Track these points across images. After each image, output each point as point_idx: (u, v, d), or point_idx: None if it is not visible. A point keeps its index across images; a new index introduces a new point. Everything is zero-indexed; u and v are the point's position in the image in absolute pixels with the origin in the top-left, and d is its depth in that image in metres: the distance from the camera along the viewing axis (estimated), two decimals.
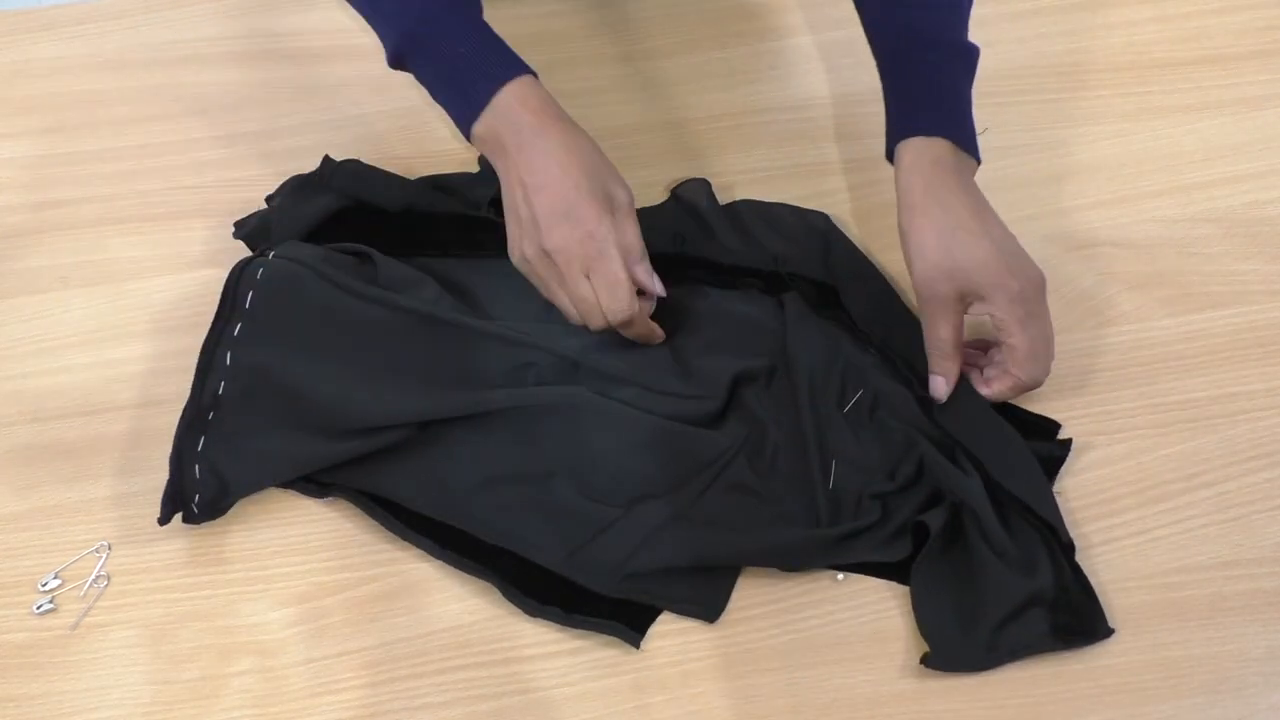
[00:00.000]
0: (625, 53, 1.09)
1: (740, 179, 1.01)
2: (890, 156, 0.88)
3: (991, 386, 0.84)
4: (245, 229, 0.94)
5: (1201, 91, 1.06)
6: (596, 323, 0.83)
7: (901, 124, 0.87)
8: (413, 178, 0.98)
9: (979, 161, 0.87)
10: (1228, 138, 1.03)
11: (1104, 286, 0.93)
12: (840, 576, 0.80)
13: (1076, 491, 0.83)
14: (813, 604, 0.79)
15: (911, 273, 0.84)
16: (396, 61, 0.88)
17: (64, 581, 0.79)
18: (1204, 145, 1.03)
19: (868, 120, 1.04)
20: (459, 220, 0.94)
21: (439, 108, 0.88)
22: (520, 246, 0.84)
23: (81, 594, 0.79)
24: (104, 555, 0.80)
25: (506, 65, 0.85)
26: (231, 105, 1.05)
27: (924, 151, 0.85)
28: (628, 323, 0.83)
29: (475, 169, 0.99)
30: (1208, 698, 0.75)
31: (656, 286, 0.86)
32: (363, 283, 0.87)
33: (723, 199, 0.98)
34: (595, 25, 1.10)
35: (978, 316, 0.84)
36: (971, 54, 0.89)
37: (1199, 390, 0.88)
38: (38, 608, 0.78)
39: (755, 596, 0.79)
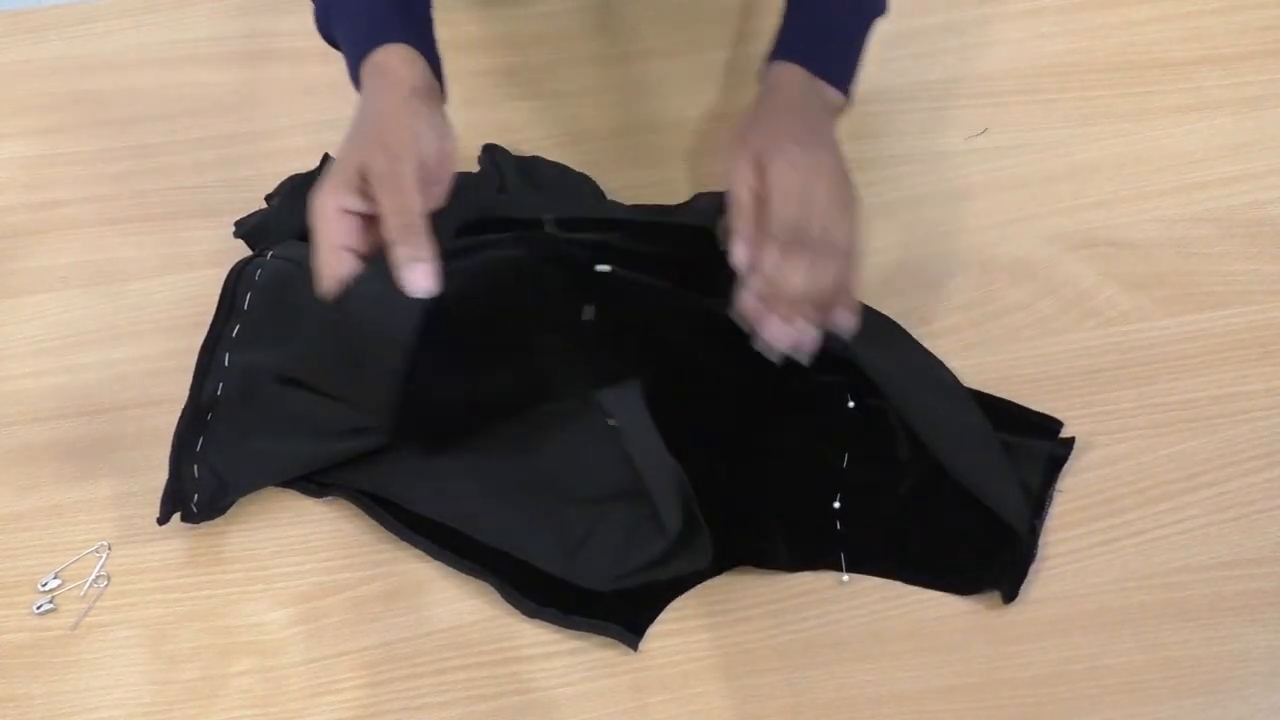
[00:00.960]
0: (625, 53, 1.09)
1: None
2: (763, 78, 0.87)
3: (755, 258, 0.76)
4: (245, 228, 0.94)
5: (1201, 91, 1.06)
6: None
7: (779, 48, 0.86)
8: None
9: (848, 99, 0.86)
10: (1228, 138, 1.03)
11: (1104, 286, 0.93)
12: (845, 578, 0.80)
13: (1076, 491, 0.83)
14: (813, 604, 0.78)
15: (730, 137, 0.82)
16: (321, 30, 0.87)
17: (64, 581, 0.79)
18: (1204, 145, 1.02)
19: (868, 120, 1.04)
20: (458, 220, 0.94)
21: None
22: None
23: (81, 594, 0.79)
24: (104, 555, 0.80)
25: (372, 37, 0.81)
26: (231, 105, 1.05)
27: (791, 75, 0.84)
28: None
29: (474, 168, 0.99)
30: (1208, 698, 0.75)
31: (408, 281, 0.74)
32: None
33: None
34: (595, 25, 1.10)
35: (761, 181, 0.78)
36: (878, 5, 0.90)
37: (1199, 390, 0.88)
38: (38, 608, 0.78)
39: (755, 596, 0.79)
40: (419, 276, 0.73)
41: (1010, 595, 0.78)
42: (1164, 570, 0.80)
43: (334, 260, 0.74)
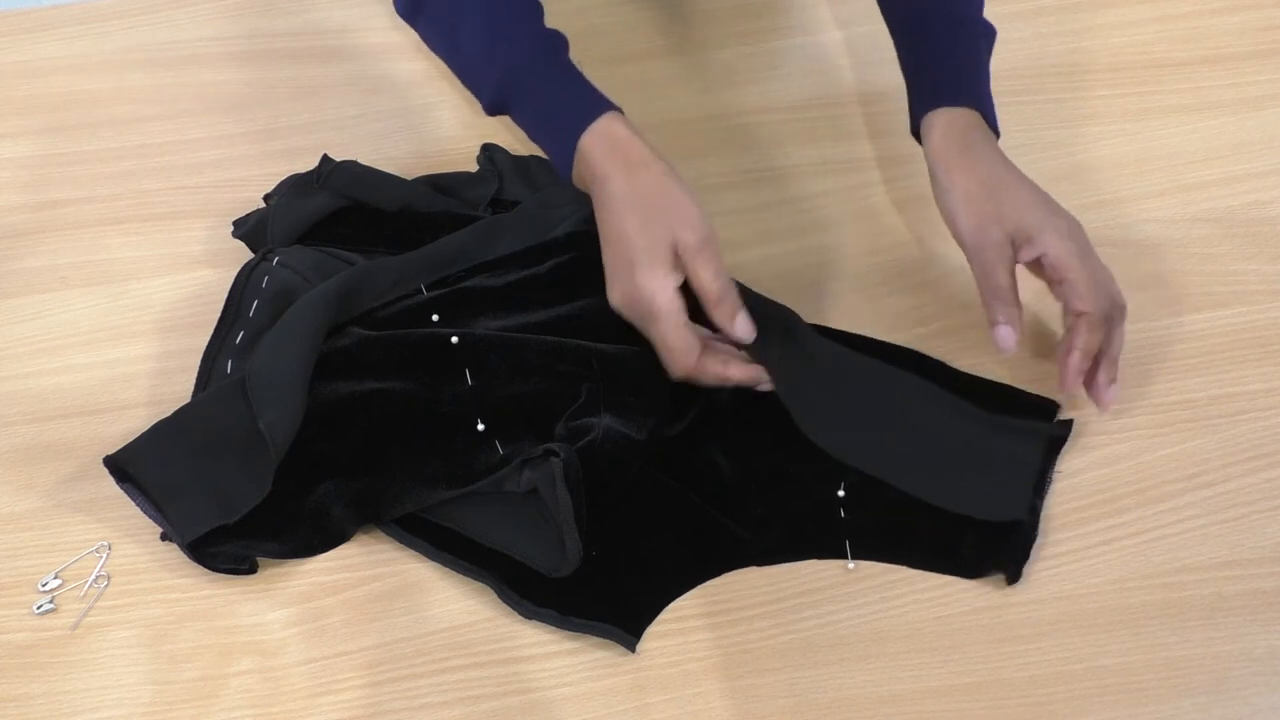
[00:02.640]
0: (625, 53, 1.09)
1: (740, 179, 1.01)
2: (916, 129, 0.90)
3: (1076, 343, 0.82)
4: (244, 228, 0.95)
5: (1201, 91, 1.06)
6: (671, 374, 0.83)
7: (930, 96, 0.89)
8: (410, 178, 0.98)
9: (999, 134, 0.89)
10: (1228, 138, 1.03)
11: None
12: (851, 565, 0.80)
13: (1076, 491, 0.83)
14: (813, 604, 0.79)
15: (957, 226, 0.85)
16: (493, 111, 0.90)
17: (64, 581, 0.79)
18: (1204, 145, 1.03)
19: (868, 120, 1.04)
20: (457, 220, 0.94)
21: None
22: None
23: (81, 594, 0.79)
24: (104, 555, 0.80)
25: (584, 112, 0.85)
26: (231, 105, 1.05)
27: (956, 119, 0.88)
28: (689, 380, 0.82)
29: (474, 169, 0.99)
30: (1208, 698, 0.75)
31: (738, 330, 0.82)
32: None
33: (722, 198, 0.98)
34: (595, 26, 1.10)
35: (1027, 259, 0.83)
36: (991, 32, 0.93)
37: (1199, 390, 0.88)
38: (38, 608, 0.78)
39: (755, 596, 0.79)
40: (740, 326, 0.82)
41: (1014, 576, 0.79)
42: (1164, 570, 0.80)
43: (687, 335, 0.81)
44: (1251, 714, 0.74)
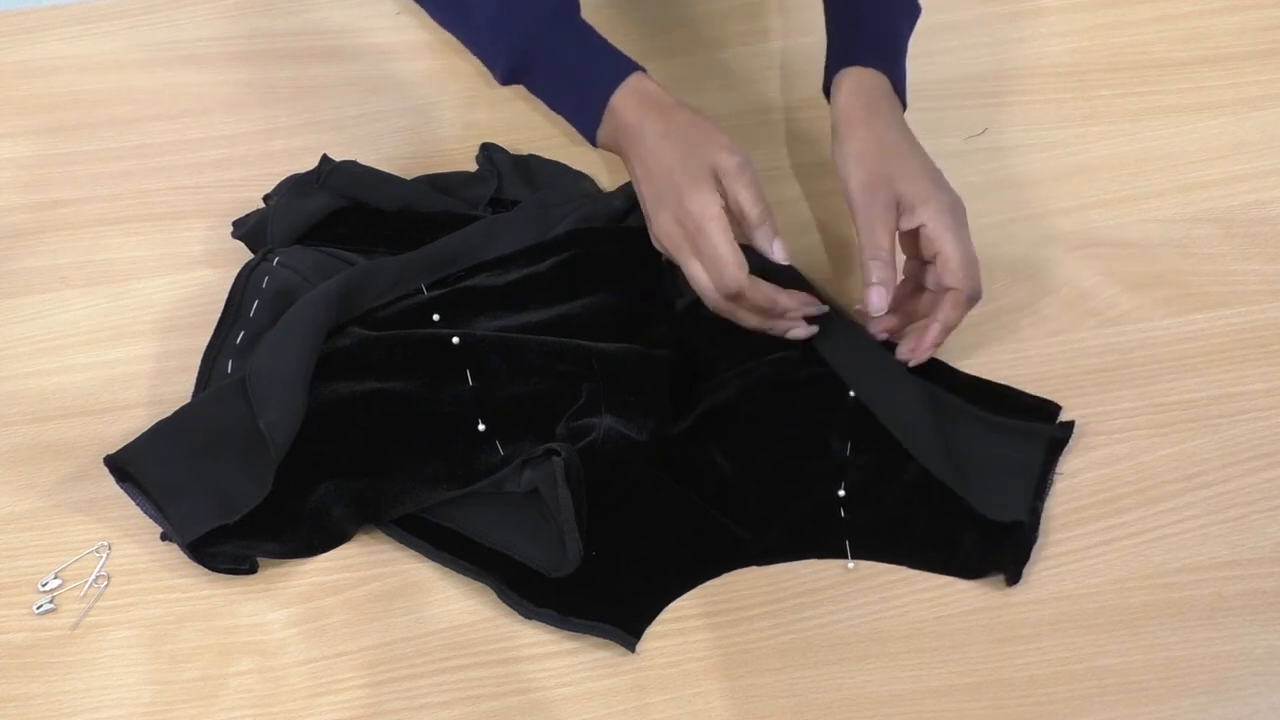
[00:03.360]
0: (625, 53, 1.09)
1: None
2: (827, 88, 0.91)
3: (938, 315, 0.84)
4: (243, 228, 0.94)
5: (1201, 91, 1.06)
6: (712, 301, 0.83)
7: (843, 55, 0.90)
8: (410, 178, 0.98)
9: (906, 107, 0.91)
10: (1228, 138, 1.03)
11: (1104, 286, 0.93)
12: (851, 564, 0.80)
13: (1076, 491, 0.83)
14: (813, 604, 0.79)
15: (848, 183, 0.85)
16: (509, 79, 0.90)
17: (64, 581, 0.79)
18: (1204, 145, 1.02)
19: None
20: (456, 220, 0.94)
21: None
22: (650, 238, 0.86)
23: (81, 594, 0.79)
24: (104, 555, 0.80)
25: (611, 72, 0.87)
26: (231, 105, 1.05)
27: (865, 79, 0.89)
28: (738, 295, 0.82)
29: (473, 169, 0.99)
30: (1208, 698, 0.75)
31: (777, 253, 0.83)
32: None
33: None
34: (597, 26, 1.10)
35: (906, 227, 0.84)
36: (916, 10, 0.94)
37: (1199, 390, 0.88)
38: (38, 608, 0.78)
39: (755, 596, 0.79)
40: (778, 249, 0.83)
41: (1014, 578, 0.79)
42: (1164, 570, 0.80)
43: (737, 250, 0.81)
44: (1251, 714, 0.74)
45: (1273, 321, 0.92)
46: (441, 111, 1.05)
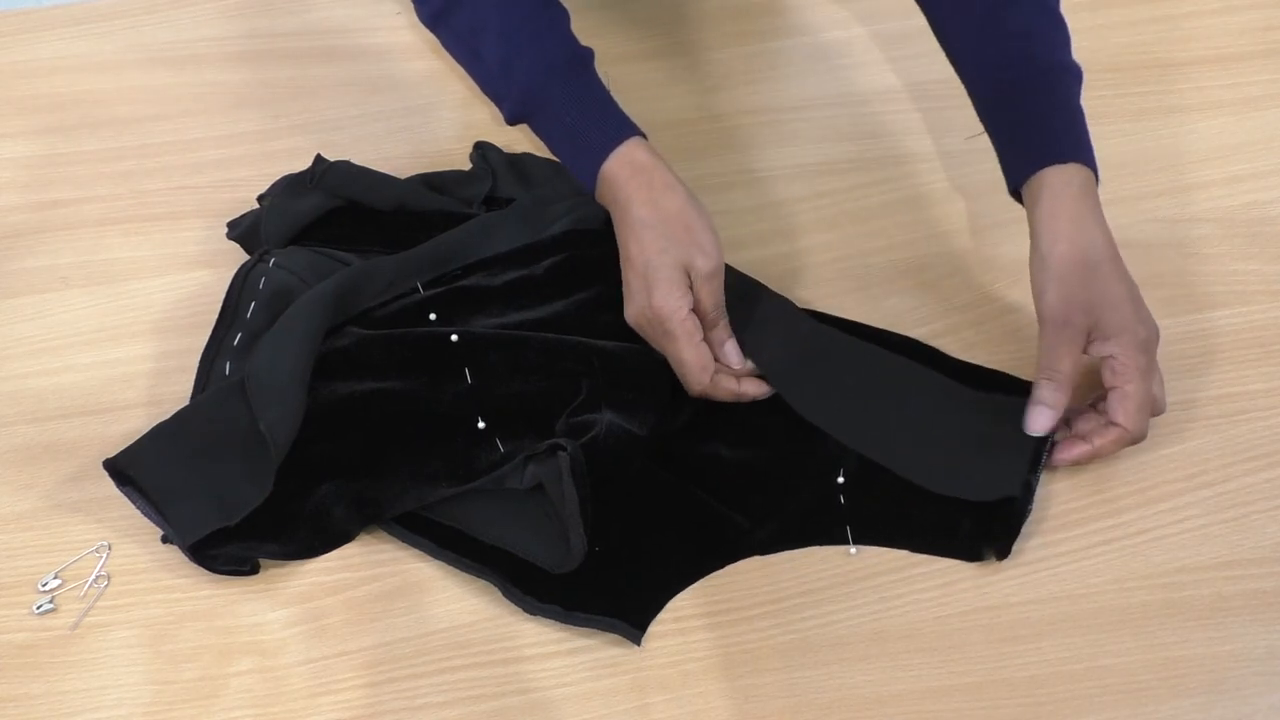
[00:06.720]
0: (625, 54, 1.09)
1: (739, 179, 1.01)
2: (1017, 187, 0.86)
3: (1093, 442, 0.82)
4: (238, 229, 0.95)
5: (1201, 91, 1.06)
6: (689, 391, 0.85)
7: (1036, 154, 0.84)
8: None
9: (1099, 182, 0.85)
10: (1228, 138, 1.03)
11: None
12: (853, 550, 0.80)
13: (1076, 491, 0.83)
14: (813, 604, 0.79)
15: (1042, 299, 0.82)
16: (513, 122, 0.90)
17: (64, 581, 0.79)
18: (1204, 145, 1.03)
19: (868, 121, 1.04)
20: (451, 219, 0.94)
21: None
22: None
23: (81, 594, 0.79)
24: (104, 555, 0.80)
25: (606, 138, 0.86)
26: (231, 105, 1.05)
27: (1066, 180, 0.83)
28: (705, 395, 0.84)
29: (469, 168, 0.99)
30: (1208, 698, 0.75)
31: (727, 357, 0.85)
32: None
33: (720, 198, 0.98)
34: (595, 26, 1.10)
35: (1096, 355, 0.82)
36: (1080, 75, 0.88)
37: (1199, 390, 0.88)
38: (38, 608, 0.78)
39: (755, 596, 0.79)
40: (731, 353, 0.85)
41: (1003, 552, 0.79)
42: (1164, 570, 0.80)
43: (704, 353, 0.84)
44: (1251, 714, 0.74)
45: (1273, 321, 0.92)
46: (441, 111, 1.05)
